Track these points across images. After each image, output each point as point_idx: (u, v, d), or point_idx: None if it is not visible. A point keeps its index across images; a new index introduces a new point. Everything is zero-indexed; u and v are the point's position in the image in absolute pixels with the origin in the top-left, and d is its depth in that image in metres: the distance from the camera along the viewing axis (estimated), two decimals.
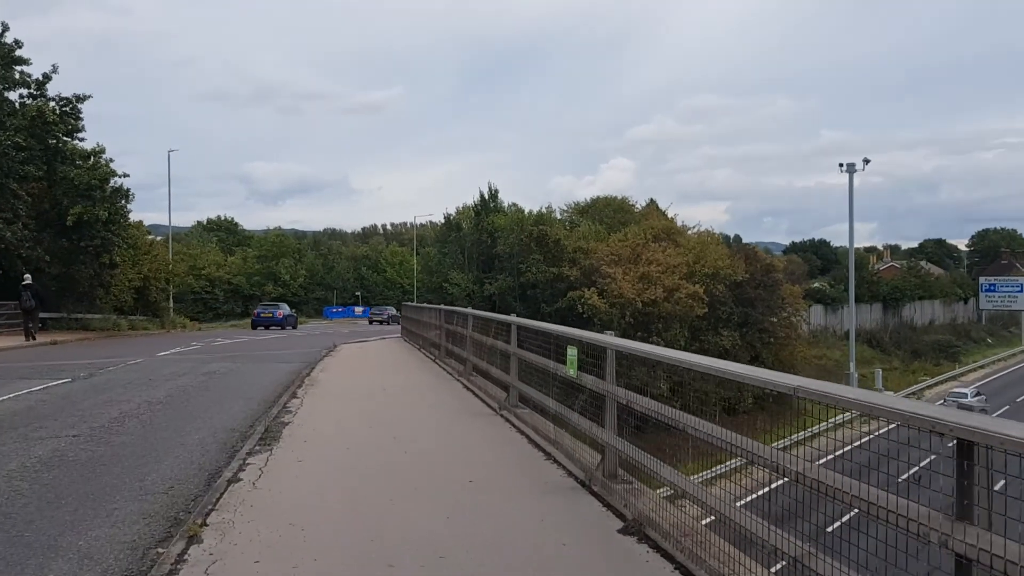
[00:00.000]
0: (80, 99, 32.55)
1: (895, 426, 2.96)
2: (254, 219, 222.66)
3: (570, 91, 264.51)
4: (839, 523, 3.49)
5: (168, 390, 13.57)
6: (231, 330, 47.35)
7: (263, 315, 45.84)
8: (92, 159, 32.53)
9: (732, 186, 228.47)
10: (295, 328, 45.58)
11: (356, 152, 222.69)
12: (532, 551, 4.87)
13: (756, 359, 40.63)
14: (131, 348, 24.38)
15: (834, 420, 3.44)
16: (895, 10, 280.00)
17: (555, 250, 40.80)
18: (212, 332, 41.46)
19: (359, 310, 79.16)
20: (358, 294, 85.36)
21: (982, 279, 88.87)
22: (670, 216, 52.49)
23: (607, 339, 5.89)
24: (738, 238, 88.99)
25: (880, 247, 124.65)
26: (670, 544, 4.64)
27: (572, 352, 6.28)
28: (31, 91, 31.55)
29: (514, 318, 9.71)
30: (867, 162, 54.30)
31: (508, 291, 41.46)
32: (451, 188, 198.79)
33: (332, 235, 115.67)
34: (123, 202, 33.18)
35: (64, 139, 32.16)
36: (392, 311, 58.88)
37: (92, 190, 31.26)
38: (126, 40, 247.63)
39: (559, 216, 51.68)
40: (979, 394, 50.38)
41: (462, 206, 50.60)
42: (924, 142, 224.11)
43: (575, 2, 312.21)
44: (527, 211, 47.61)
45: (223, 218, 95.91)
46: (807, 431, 3.86)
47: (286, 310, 48.26)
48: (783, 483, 3.63)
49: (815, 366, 45.82)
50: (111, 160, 32.71)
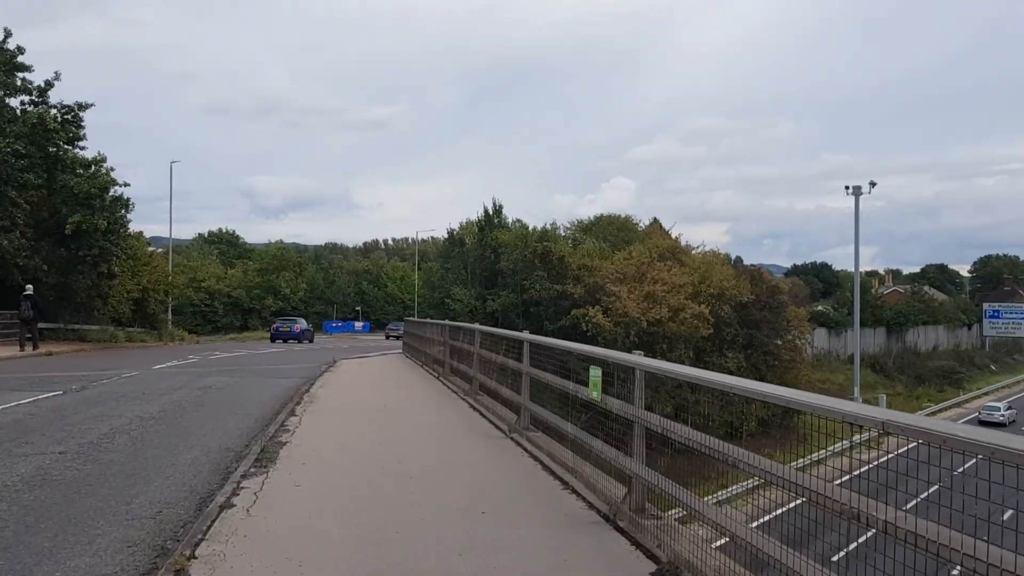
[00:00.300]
0: (82, 107, 32.19)
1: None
2: (256, 233, 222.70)
3: (573, 110, 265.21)
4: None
5: (162, 405, 13.07)
6: (230, 343, 46.87)
7: (281, 329, 47.76)
8: (93, 168, 32.14)
9: (733, 208, 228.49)
10: (311, 342, 47.00)
11: (358, 167, 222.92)
12: None
13: (761, 381, 40.10)
14: (127, 360, 23.91)
15: (844, 443, 3.38)
16: (897, 36, 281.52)
17: (559, 267, 40.31)
18: (210, 345, 40.95)
19: (359, 325, 78.69)
20: (358, 309, 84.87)
21: (986, 305, 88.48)
22: (674, 236, 52.12)
23: (635, 359, 5.40)
24: (739, 259, 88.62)
25: (881, 271, 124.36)
26: None
27: (595, 373, 5.79)
28: (32, 98, 31.21)
29: (526, 335, 9.20)
30: (873, 185, 54.28)
31: (511, 308, 40.96)
32: (452, 205, 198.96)
33: (333, 249, 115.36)
34: (123, 212, 32.75)
35: (65, 147, 31.81)
36: None
37: (92, 199, 30.86)
38: (131, 52, 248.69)
39: (562, 233, 51.28)
40: (1010, 408, 51.43)
41: (466, 221, 50.25)
42: (925, 167, 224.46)
43: (579, 23, 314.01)
44: (531, 228, 47.19)
45: (224, 231, 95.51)
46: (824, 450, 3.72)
47: (303, 324, 50.11)
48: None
49: (819, 390, 45.30)
50: (112, 169, 32.36)
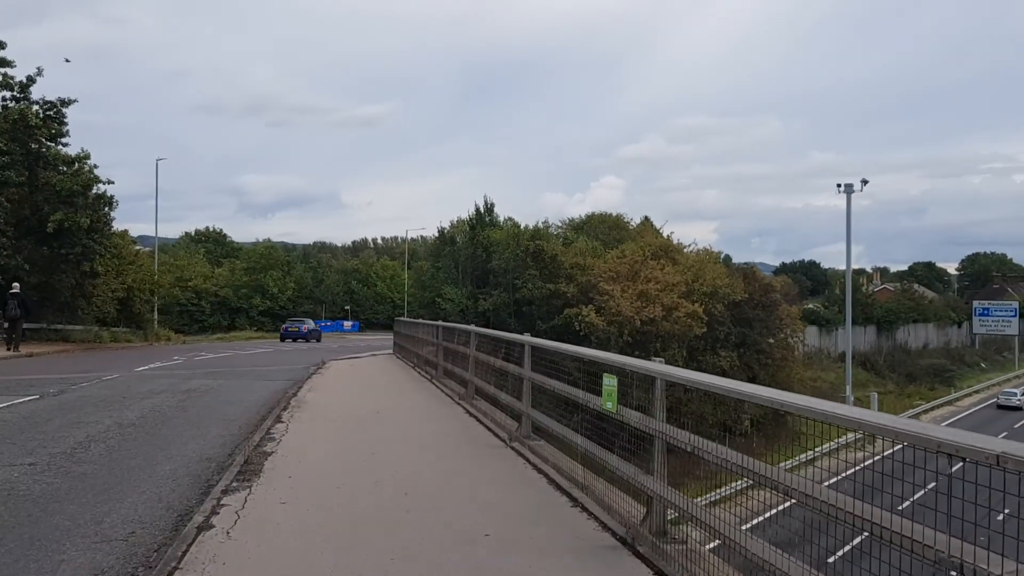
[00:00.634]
0: (65, 103, 31.46)
1: None
2: (244, 232, 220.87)
3: (562, 109, 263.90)
4: None
5: (142, 410, 12.49)
6: (217, 343, 46.17)
7: (290, 329, 49.81)
8: (76, 165, 31.42)
9: (721, 206, 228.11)
10: (319, 341, 48.24)
11: (347, 166, 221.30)
12: None
13: (753, 380, 39.74)
14: (110, 362, 23.28)
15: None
16: (884, 35, 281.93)
17: (551, 266, 39.81)
18: (197, 345, 40.25)
19: (348, 324, 77.98)
20: (347, 308, 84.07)
21: (976, 303, 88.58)
22: (665, 234, 51.71)
23: (656, 367, 4.90)
24: (727, 257, 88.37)
25: (869, 269, 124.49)
26: None
27: (610, 382, 5.29)
28: (14, 94, 30.45)
29: (528, 338, 8.68)
30: (865, 183, 53.83)
31: (503, 307, 40.43)
32: (442, 204, 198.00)
33: (322, 248, 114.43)
34: (106, 209, 32.03)
35: (47, 144, 31.11)
36: None
37: (74, 196, 30.17)
38: (119, 51, 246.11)
39: (554, 232, 50.74)
40: None
41: (457, 220, 49.66)
42: (912, 166, 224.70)
43: (568, 22, 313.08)
44: (523, 226, 46.63)
45: (211, 229, 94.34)
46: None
47: (311, 324, 52.31)
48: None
49: (811, 388, 45.09)
50: (95, 166, 31.64)
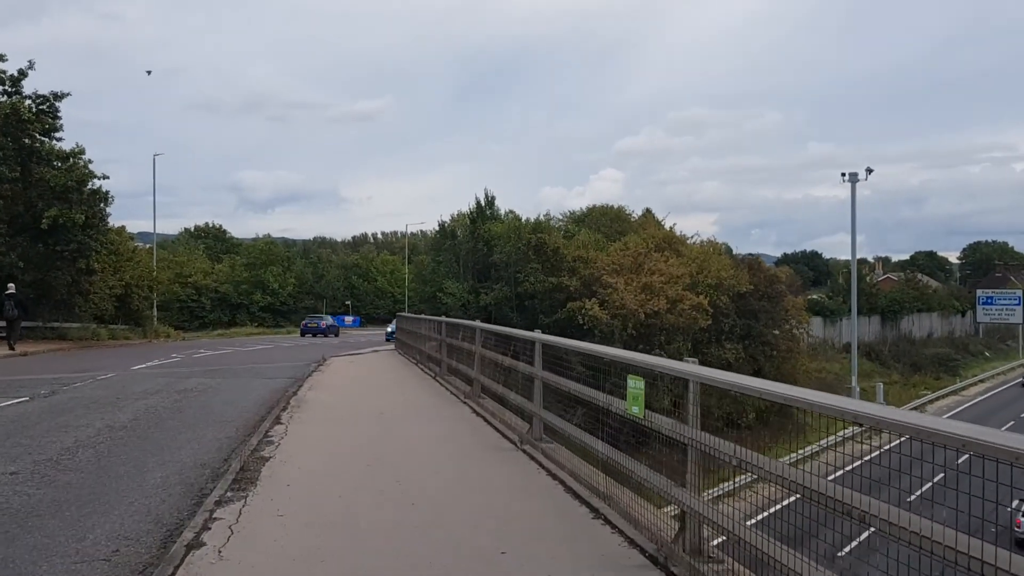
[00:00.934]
0: (58, 97, 30.93)
1: None
2: (244, 228, 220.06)
3: (560, 102, 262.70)
4: None
5: (135, 412, 12.02)
6: (217, 340, 45.72)
7: (309, 325, 53.12)
8: (71, 160, 30.90)
9: (721, 198, 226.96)
10: (336, 336, 51.04)
11: (346, 161, 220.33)
12: None
13: (758, 372, 39.41)
14: (106, 360, 22.80)
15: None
16: (882, 26, 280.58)
17: (554, 259, 39.22)
18: (196, 342, 39.77)
19: (349, 319, 77.57)
20: (348, 303, 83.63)
21: (979, 292, 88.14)
22: (668, 226, 51.11)
23: (689, 368, 4.41)
24: (728, 249, 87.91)
25: (870, 259, 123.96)
26: None
27: (636, 385, 4.80)
28: (6, 88, 29.88)
29: (539, 335, 8.17)
30: (870, 171, 53.31)
31: (505, 301, 39.86)
32: (441, 198, 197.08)
33: (322, 244, 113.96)
34: (102, 205, 31.49)
35: (40, 139, 30.55)
36: None
37: (69, 192, 29.67)
38: (116, 48, 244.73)
39: (557, 224, 50.18)
40: None
41: (457, 213, 49.03)
42: (911, 156, 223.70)
43: (566, 15, 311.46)
44: (524, 219, 46.01)
45: (211, 225, 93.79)
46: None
47: (329, 320, 55.62)
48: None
49: (816, 380, 44.70)
50: (90, 161, 31.11)
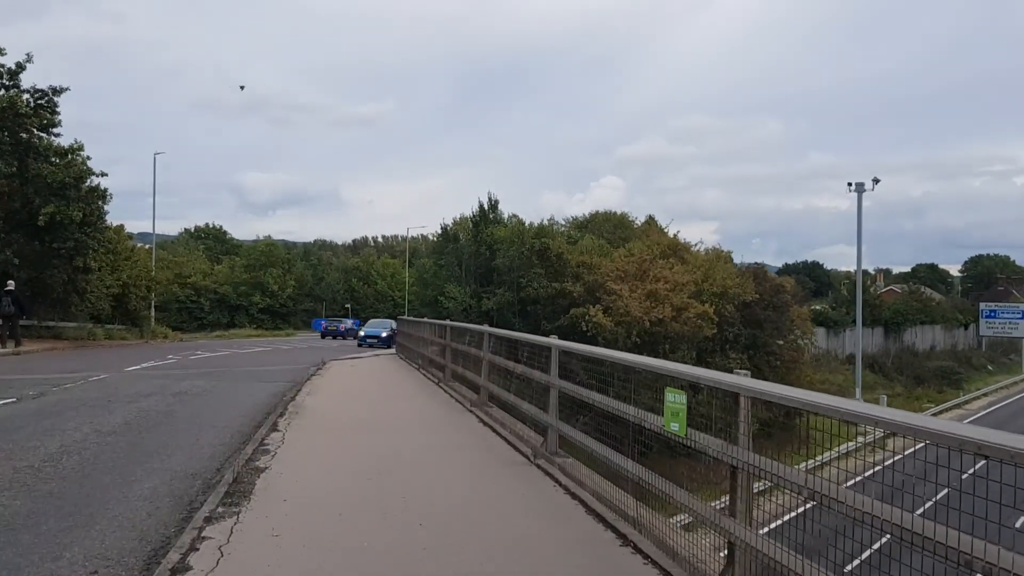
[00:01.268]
0: (57, 91, 30.37)
1: None
2: (245, 230, 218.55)
3: (561, 108, 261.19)
4: None
5: (126, 415, 11.50)
6: (215, 341, 45.18)
7: (330, 328, 56.05)
8: (69, 156, 30.38)
9: (721, 206, 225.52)
10: (356, 338, 53.04)
11: (347, 164, 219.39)
12: None
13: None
14: (100, 361, 22.28)
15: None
16: (884, 37, 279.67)
17: (557, 264, 38.72)
18: (194, 343, 39.23)
19: (349, 323, 76.95)
20: (348, 306, 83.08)
21: (982, 305, 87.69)
22: (671, 233, 50.61)
23: (738, 380, 3.90)
24: (728, 258, 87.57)
25: (871, 271, 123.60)
26: None
27: (676, 399, 4.28)
28: (3, 81, 29.34)
29: (555, 341, 7.67)
30: (877, 181, 52.80)
31: (507, 306, 39.35)
32: (441, 203, 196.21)
33: (323, 246, 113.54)
34: (99, 203, 30.92)
35: (38, 134, 30.04)
36: None
37: (66, 189, 29.11)
38: (119, 48, 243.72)
39: (560, 229, 49.68)
40: None
41: (460, 216, 48.55)
42: (912, 167, 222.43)
43: (568, 21, 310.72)
44: (527, 223, 45.50)
45: (211, 226, 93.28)
46: None
47: (348, 324, 58.15)
48: None
49: (819, 391, 44.16)
50: (88, 158, 30.58)
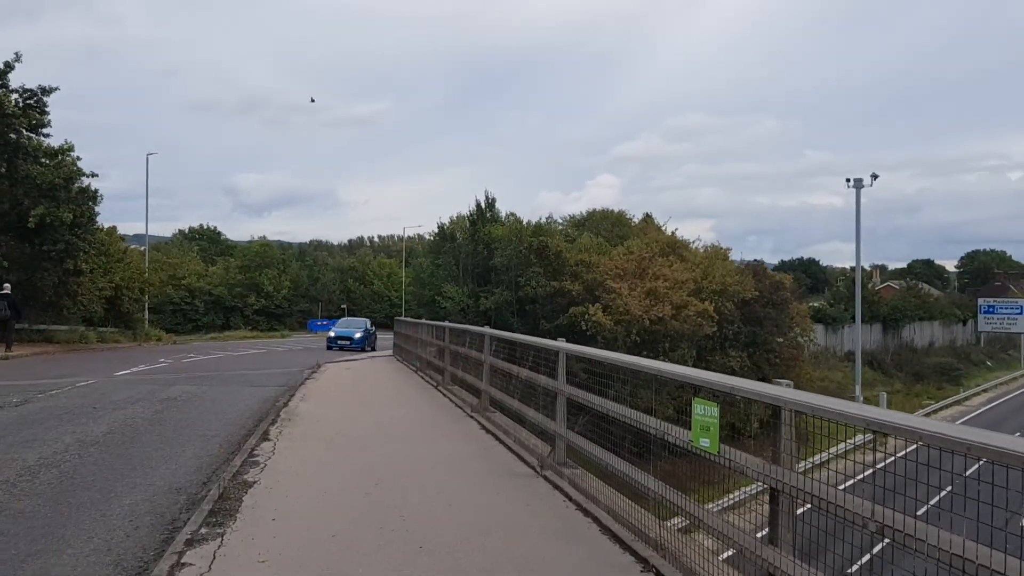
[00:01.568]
0: (46, 91, 29.83)
1: None
2: (240, 231, 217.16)
3: (557, 107, 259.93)
4: None
5: (111, 424, 11.01)
6: (209, 343, 44.67)
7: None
8: (59, 157, 29.86)
9: (717, 204, 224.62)
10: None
11: (343, 165, 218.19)
12: None
13: (762, 381, 38.63)
14: (90, 365, 21.77)
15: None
16: (879, 34, 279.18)
17: (556, 263, 38.24)
18: (187, 346, 38.71)
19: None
20: (344, 307, 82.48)
21: (981, 301, 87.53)
22: (669, 231, 50.18)
23: (783, 392, 3.44)
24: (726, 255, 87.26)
25: (867, 267, 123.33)
26: None
27: (707, 412, 3.81)
28: None
29: (563, 344, 7.19)
30: (875, 177, 52.36)
31: (505, 306, 38.86)
32: (438, 202, 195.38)
33: (318, 247, 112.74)
34: (90, 204, 30.40)
35: (27, 134, 29.51)
36: None
37: (56, 190, 28.60)
38: (114, 49, 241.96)
39: (558, 228, 49.20)
40: None
41: (456, 215, 48.03)
42: (907, 164, 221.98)
43: (564, 20, 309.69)
44: (525, 222, 44.99)
45: (205, 227, 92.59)
46: None
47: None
48: None
49: (818, 388, 43.89)
50: (78, 158, 30.07)
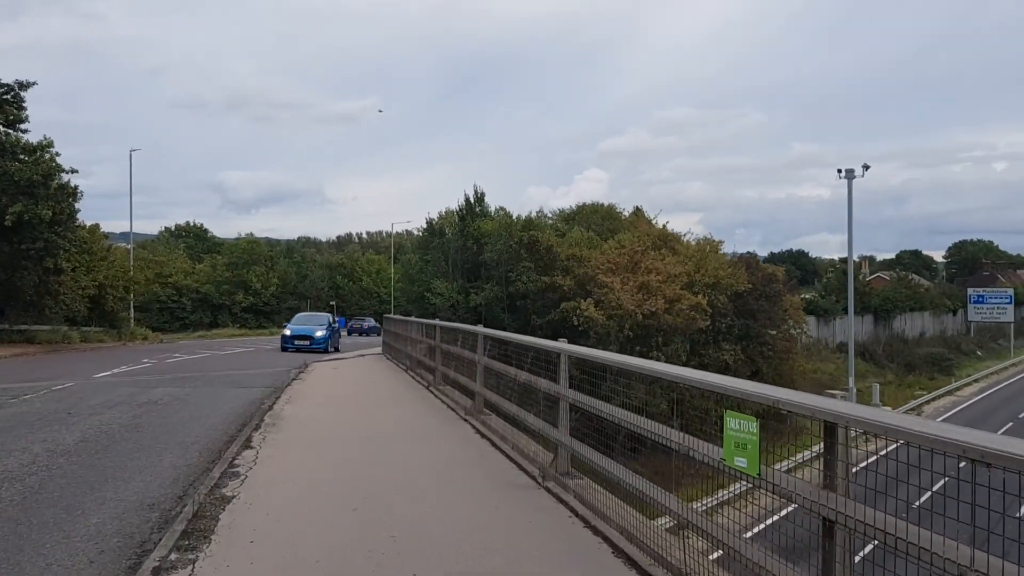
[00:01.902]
0: (24, 86, 29.18)
1: None
2: (227, 228, 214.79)
3: (545, 102, 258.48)
4: None
5: (85, 431, 10.43)
6: (196, 342, 43.97)
7: (355, 326, 59.91)
8: (38, 153, 29.16)
9: (705, 197, 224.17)
10: (379, 335, 52.74)
11: (331, 161, 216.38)
12: None
13: (756, 374, 38.29)
14: (70, 367, 21.13)
15: None
16: (864, 26, 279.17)
17: (547, 258, 37.70)
18: (173, 345, 38.01)
19: (371, 321, 76.00)
20: (332, 304, 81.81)
21: (970, 291, 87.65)
22: (660, 224, 49.73)
23: (840, 407, 2.94)
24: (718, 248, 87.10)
25: (857, 258, 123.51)
26: None
27: (745, 427, 3.29)
28: None
29: (565, 345, 6.67)
30: (867, 168, 52.09)
31: (496, 302, 38.33)
32: (426, 198, 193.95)
33: (306, 243, 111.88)
34: (70, 201, 29.72)
35: (5, 130, 28.84)
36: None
37: (35, 187, 27.94)
38: (99, 47, 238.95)
39: (548, 221, 48.67)
40: None
41: (445, 210, 47.42)
42: (893, 155, 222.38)
43: (550, 15, 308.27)
44: (515, 216, 44.46)
45: (191, 224, 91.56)
46: None
47: (371, 322, 60.78)
48: None
49: (811, 380, 43.68)
50: (58, 154, 29.39)
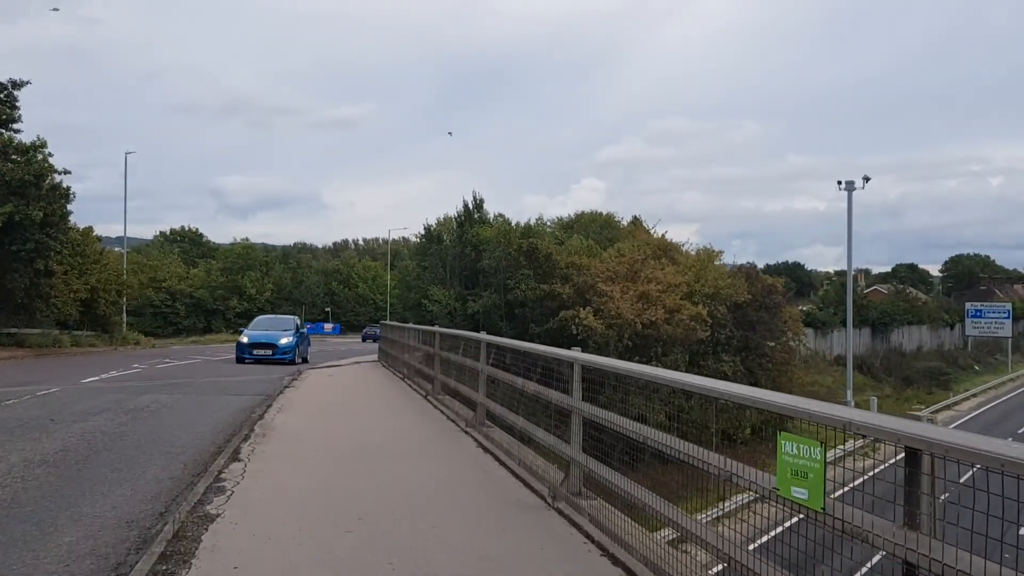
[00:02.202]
0: (17, 85, 28.76)
1: None
2: (223, 233, 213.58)
3: (542, 111, 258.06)
4: None
5: (66, 439, 9.93)
6: (189, 347, 43.40)
7: (369, 333, 57.87)
8: (30, 154, 28.68)
9: (701, 208, 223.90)
10: None
11: (327, 167, 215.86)
12: None
13: (755, 386, 37.93)
14: (57, 371, 20.60)
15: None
16: (860, 39, 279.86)
17: (546, 265, 37.26)
18: (165, 350, 37.45)
19: (329, 327, 75.55)
20: (328, 310, 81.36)
21: (968, 305, 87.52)
22: (658, 234, 49.35)
23: (924, 430, 2.50)
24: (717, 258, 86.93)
25: (853, 271, 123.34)
26: None
27: (802, 453, 2.83)
28: None
29: (578, 354, 6.22)
30: (867, 180, 51.79)
31: (494, 309, 37.85)
32: (423, 205, 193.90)
33: (302, 249, 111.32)
34: (62, 202, 29.23)
35: None
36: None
37: (26, 187, 27.44)
38: (95, 51, 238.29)
39: (548, 229, 48.23)
40: None
41: (443, 217, 46.99)
42: (888, 168, 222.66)
43: (548, 24, 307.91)
44: (514, 223, 44.02)
45: (187, 228, 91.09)
46: None
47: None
48: None
49: (808, 393, 43.27)
50: (50, 155, 28.92)
